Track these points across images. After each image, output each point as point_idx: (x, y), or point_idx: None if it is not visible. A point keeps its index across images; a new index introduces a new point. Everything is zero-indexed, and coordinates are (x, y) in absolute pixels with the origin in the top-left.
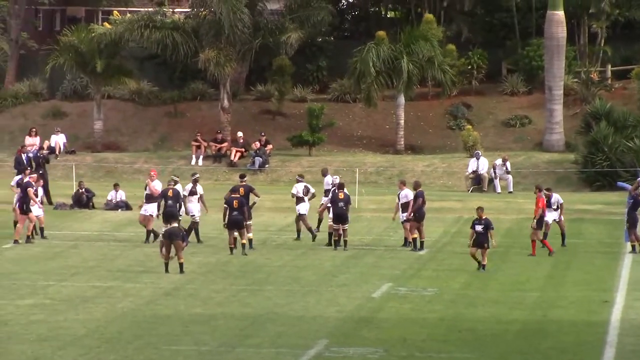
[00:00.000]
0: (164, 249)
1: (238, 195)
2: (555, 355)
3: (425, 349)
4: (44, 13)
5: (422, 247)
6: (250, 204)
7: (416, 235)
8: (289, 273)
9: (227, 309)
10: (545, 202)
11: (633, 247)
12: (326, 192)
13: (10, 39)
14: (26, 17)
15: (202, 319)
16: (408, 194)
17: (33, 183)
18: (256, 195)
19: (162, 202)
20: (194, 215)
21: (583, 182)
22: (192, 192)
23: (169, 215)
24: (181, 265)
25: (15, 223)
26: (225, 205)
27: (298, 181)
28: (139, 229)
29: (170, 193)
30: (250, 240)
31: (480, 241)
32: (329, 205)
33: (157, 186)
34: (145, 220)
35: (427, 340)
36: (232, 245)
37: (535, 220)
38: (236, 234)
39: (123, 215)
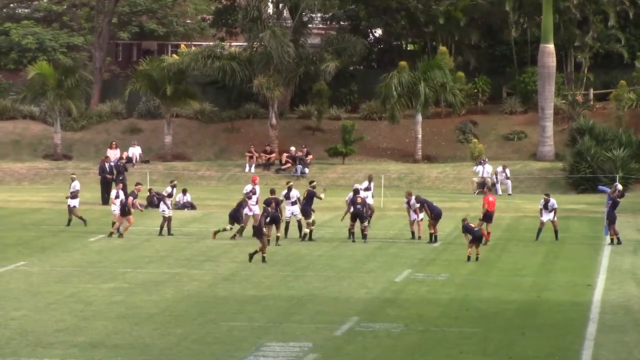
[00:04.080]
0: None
1: (275, 197)
2: (546, 330)
3: (439, 324)
4: (123, 46)
5: (436, 240)
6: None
7: (432, 230)
8: (326, 261)
9: (274, 291)
10: (492, 202)
11: (612, 240)
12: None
13: (95, 68)
14: (108, 49)
15: (254, 300)
16: (415, 201)
17: (136, 192)
18: (318, 197)
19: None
20: (164, 211)
21: (570, 186)
22: (170, 195)
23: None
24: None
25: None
26: (264, 205)
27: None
28: (202, 224)
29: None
30: (305, 234)
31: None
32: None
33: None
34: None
35: (441, 317)
36: (269, 238)
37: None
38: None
39: (189, 214)
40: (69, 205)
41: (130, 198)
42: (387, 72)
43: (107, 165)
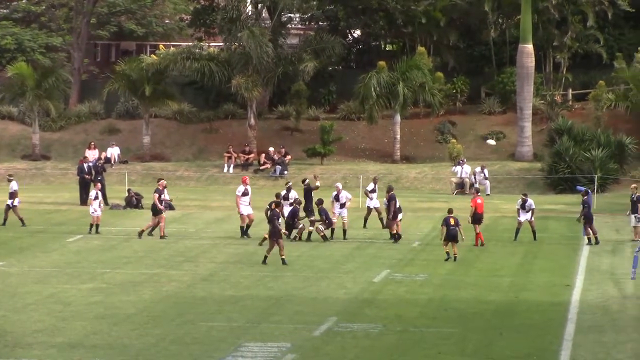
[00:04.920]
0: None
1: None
2: (525, 330)
3: (418, 324)
4: (101, 47)
5: (398, 239)
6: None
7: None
8: (305, 262)
9: (253, 292)
10: (480, 205)
11: (589, 239)
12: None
13: (74, 68)
14: (87, 50)
15: (232, 300)
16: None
17: (160, 189)
18: (314, 188)
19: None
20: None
21: (548, 186)
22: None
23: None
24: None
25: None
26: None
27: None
28: (181, 225)
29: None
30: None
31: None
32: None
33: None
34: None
35: (419, 318)
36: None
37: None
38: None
39: (167, 214)
40: (7, 205)
41: (155, 195)
42: (365, 72)
43: (85, 165)
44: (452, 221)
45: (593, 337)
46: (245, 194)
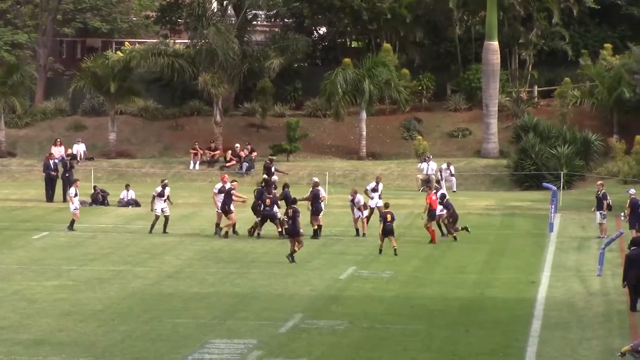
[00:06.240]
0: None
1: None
2: (491, 327)
3: (384, 321)
4: (67, 43)
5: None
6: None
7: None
8: (271, 258)
9: (219, 289)
10: (435, 201)
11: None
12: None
13: (39, 65)
14: (52, 47)
15: (198, 297)
16: (360, 199)
17: (232, 188)
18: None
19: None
20: (164, 209)
21: (514, 183)
22: (161, 194)
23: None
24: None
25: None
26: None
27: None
28: (147, 222)
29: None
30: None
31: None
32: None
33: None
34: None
35: (385, 314)
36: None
37: (426, 213)
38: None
39: (133, 211)
40: None
41: (234, 192)
42: (331, 69)
43: (51, 162)
44: (388, 217)
45: (559, 333)
46: (221, 191)
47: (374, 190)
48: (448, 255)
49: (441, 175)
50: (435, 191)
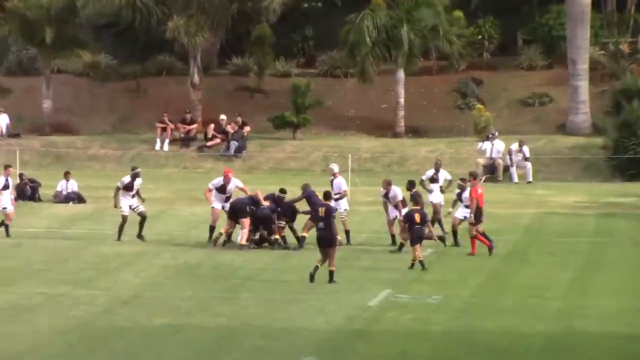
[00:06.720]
0: None
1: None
2: None
3: None
4: None
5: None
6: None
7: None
8: (270, 277)
9: (196, 319)
10: (479, 192)
11: None
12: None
13: None
14: None
15: (166, 332)
16: (397, 192)
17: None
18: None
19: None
20: (134, 206)
21: (613, 170)
22: (129, 187)
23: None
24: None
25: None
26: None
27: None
28: (95, 225)
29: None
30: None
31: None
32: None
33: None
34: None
35: (432, 358)
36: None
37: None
38: None
39: (75, 209)
40: None
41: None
42: (356, 10)
43: None
44: (417, 217)
45: None
46: (222, 191)
47: (433, 180)
48: (522, 272)
49: (511, 159)
50: (481, 179)
